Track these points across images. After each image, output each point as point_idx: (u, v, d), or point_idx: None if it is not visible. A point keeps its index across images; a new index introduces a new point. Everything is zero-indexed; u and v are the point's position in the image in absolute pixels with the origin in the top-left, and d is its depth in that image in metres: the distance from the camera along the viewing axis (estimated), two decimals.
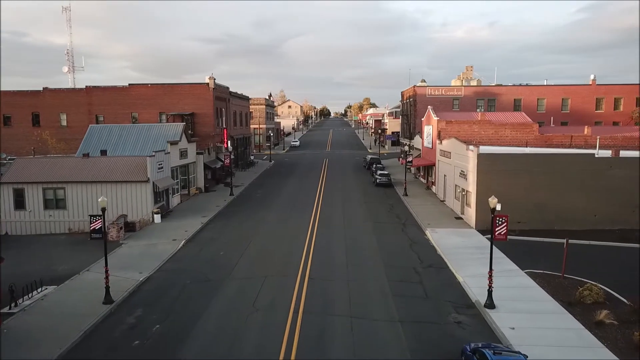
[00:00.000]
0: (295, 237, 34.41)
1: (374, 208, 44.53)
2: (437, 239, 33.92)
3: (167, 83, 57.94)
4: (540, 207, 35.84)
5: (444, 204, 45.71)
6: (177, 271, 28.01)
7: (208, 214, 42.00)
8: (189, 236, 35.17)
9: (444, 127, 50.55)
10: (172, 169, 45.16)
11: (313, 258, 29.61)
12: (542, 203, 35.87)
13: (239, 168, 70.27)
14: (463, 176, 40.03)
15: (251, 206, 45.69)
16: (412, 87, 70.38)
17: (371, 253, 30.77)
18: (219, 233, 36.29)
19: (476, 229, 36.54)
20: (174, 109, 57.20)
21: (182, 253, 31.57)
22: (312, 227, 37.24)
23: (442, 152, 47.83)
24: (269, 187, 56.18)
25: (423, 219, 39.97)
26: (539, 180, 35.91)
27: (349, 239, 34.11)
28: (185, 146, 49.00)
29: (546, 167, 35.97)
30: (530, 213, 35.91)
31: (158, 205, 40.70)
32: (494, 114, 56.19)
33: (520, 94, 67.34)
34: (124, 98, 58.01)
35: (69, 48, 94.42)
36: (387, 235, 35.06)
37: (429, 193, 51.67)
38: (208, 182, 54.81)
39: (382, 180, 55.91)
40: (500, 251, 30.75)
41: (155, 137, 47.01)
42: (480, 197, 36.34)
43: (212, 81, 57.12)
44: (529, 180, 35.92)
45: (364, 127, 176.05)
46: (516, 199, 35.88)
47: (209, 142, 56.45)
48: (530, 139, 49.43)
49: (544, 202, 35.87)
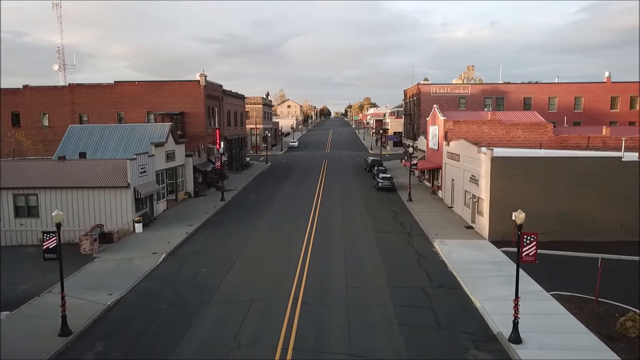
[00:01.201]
0: (289, 251, 30.88)
1: (376, 215, 40.98)
2: (447, 252, 30.38)
3: (155, 80, 54.48)
4: (560, 217, 32.28)
5: (452, 211, 42.16)
6: (153, 292, 24.47)
7: (195, 223, 38.47)
8: (170, 249, 31.64)
9: (451, 128, 47.03)
10: (157, 173, 41.65)
11: (308, 277, 26.06)
12: (563, 212, 32.32)
13: (233, 170, 66.76)
14: (474, 181, 36.49)
15: (243, 213, 42.16)
16: (416, 85, 66.87)
17: (374, 270, 27.22)
18: (204, 245, 32.76)
19: (489, 240, 33.01)
20: (162, 108, 53.70)
21: (161, 269, 28.03)
22: (307, 238, 33.71)
23: (450, 155, 44.29)
24: (263, 191, 52.66)
25: (430, 228, 36.43)
26: (560, 186, 32.36)
27: (349, 252, 30.56)
28: (173, 148, 45.47)
29: (567, 171, 32.42)
30: (550, 223, 32.33)
31: (140, 213, 37.17)
32: (504, 113, 52.67)
33: (530, 92, 63.69)
34: (109, 96, 54.49)
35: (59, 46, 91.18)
36: (391, 248, 31.53)
37: (434, 198, 48.12)
38: (198, 186, 51.29)
39: (384, 184, 52.39)
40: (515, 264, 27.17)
41: (139, 139, 43.48)
42: (494, 205, 32.83)
43: (203, 78, 53.60)
44: (548, 187, 32.37)
45: (365, 127, 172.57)
46: (534, 207, 32.25)
47: (199, 144, 52.93)
48: (545, 140, 45.96)
49: (565, 210, 32.32)
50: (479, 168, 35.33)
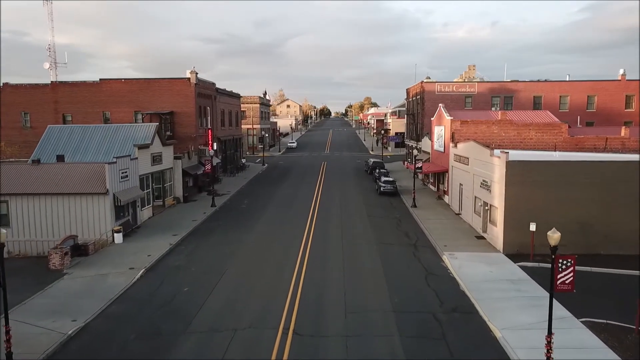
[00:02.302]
0: (281, 267, 27.68)
1: (379, 223, 37.78)
2: (458, 268, 27.19)
3: (142, 78, 51.29)
4: (583, 227, 29.08)
5: (460, 219, 38.97)
6: (123, 318, 21.30)
7: (181, 232, 35.30)
8: (150, 263, 28.47)
9: (458, 128, 43.81)
10: (141, 178, 38.48)
11: (301, 299, 22.87)
12: (587, 222, 29.11)
13: (228, 173, 63.60)
14: (485, 187, 33.30)
15: (233, 221, 38.97)
16: (420, 83, 63.64)
17: (377, 290, 24.01)
18: (188, 258, 29.58)
19: (504, 253, 29.81)
20: (150, 107, 50.54)
21: (137, 289, 24.85)
22: (303, 251, 30.52)
23: (457, 157, 41.10)
24: (257, 196, 49.48)
25: (437, 238, 33.25)
26: (583, 193, 29.15)
27: (349, 268, 27.36)
28: (159, 150, 42.29)
29: (591, 177, 29.21)
30: (571, 234, 29.08)
31: (120, 221, 34.02)
32: (515, 112, 49.46)
33: (540, 90, 60.39)
34: (94, 95, 51.34)
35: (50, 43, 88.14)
36: (396, 263, 28.33)
37: (440, 204, 44.91)
38: (188, 190, 48.12)
39: (386, 188, 49.20)
40: (539, 286, 24.09)
41: (122, 140, 40.32)
42: (509, 214, 29.65)
43: (194, 76, 50.44)
44: (570, 194, 29.17)
45: (365, 127, 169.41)
46: (553, 217, 29.11)
47: (190, 145, 49.76)
48: (559, 142, 42.75)
49: (588, 220, 29.12)
50: (491, 173, 32.15)
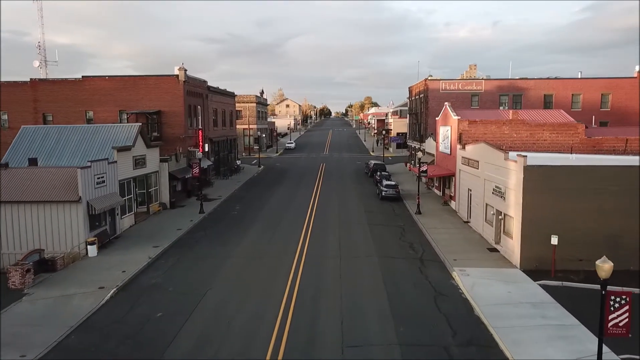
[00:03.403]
0: (271, 286, 24.42)
1: (380, 233, 34.55)
2: (471, 287, 23.97)
3: (128, 75, 48.11)
4: (613, 240, 25.79)
5: (469, 227, 35.74)
6: (81, 353, 18.08)
7: (163, 243, 32.08)
8: (124, 281, 25.25)
9: (466, 129, 40.58)
10: (122, 183, 35.31)
11: (291, 331, 19.59)
12: (617, 234, 25.87)
13: (221, 176, 60.35)
14: (499, 194, 30.06)
15: (222, 230, 35.74)
16: (423, 81, 60.37)
17: (380, 318, 20.75)
18: (167, 275, 26.34)
19: (521, 269, 26.57)
20: (136, 107, 47.33)
21: (103, 313, 21.62)
22: (296, 266, 27.28)
23: (466, 160, 37.87)
24: (250, 201, 46.26)
25: (446, 250, 30.03)
26: (613, 202, 25.90)
27: (347, 288, 24.10)
28: (143, 152, 39.07)
29: (623, 184, 25.95)
30: (598, 247, 25.76)
31: (96, 232, 30.83)
32: (526, 111, 46.21)
33: (551, 88, 57.08)
34: (76, 93, 48.13)
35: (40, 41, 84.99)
36: (401, 281, 25.09)
37: (447, 210, 41.66)
38: (176, 195, 44.88)
39: (388, 192, 45.96)
40: (566, 311, 20.87)
41: (102, 142, 37.10)
42: (527, 225, 26.42)
43: (183, 73, 47.22)
44: (597, 202, 25.94)
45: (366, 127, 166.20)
46: (578, 229, 26.05)
47: (178, 147, 46.53)
48: (575, 143, 39.51)
49: (619, 232, 25.88)
50: (506, 179, 28.91)
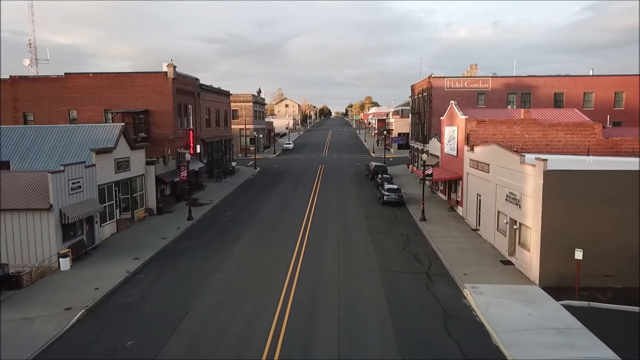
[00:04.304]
0: (260, 308, 21.59)
1: (383, 243, 31.76)
2: (485, 308, 21.18)
3: (113, 72, 45.28)
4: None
5: (479, 236, 32.95)
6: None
7: (144, 254, 29.29)
8: (95, 300, 22.45)
9: (474, 129, 37.80)
10: (102, 188, 32.57)
11: None
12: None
13: (214, 178, 57.56)
14: (513, 201, 27.26)
15: (210, 239, 32.95)
16: (427, 79, 57.52)
17: (383, 346, 17.95)
18: (144, 293, 23.54)
19: (540, 285, 23.76)
20: (122, 105, 44.53)
21: (66, 341, 18.82)
22: (289, 282, 24.48)
23: (474, 163, 35.10)
24: (243, 206, 43.47)
25: (455, 263, 27.25)
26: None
27: (346, 309, 21.27)
28: (127, 154, 36.30)
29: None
30: (629, 262, 23.21)
31: (70, 242, 28.06)
32: (538, 110, 43.43)
33: (562, 86, 54.21)
34: (59, 91, 45.33)
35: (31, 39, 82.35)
36: (406, 300, 22.28)
37: (453, 216, 38.87)
38: (164, 200, 42.11)
39: (390, 197, 43.18)
40: (598, 340, 18.07)
41: (80, 143, 34.31)
42: (548, 236, 23.62)
43: (172, 69, 44.40)
44: (626, 212, 23.15)
45: (366, 127, 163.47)
46: (604, 241, 23.29)
47: (166, 148, 43.74)
48: (592, 145, 36.74)
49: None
50: (521, 184, 26.10)
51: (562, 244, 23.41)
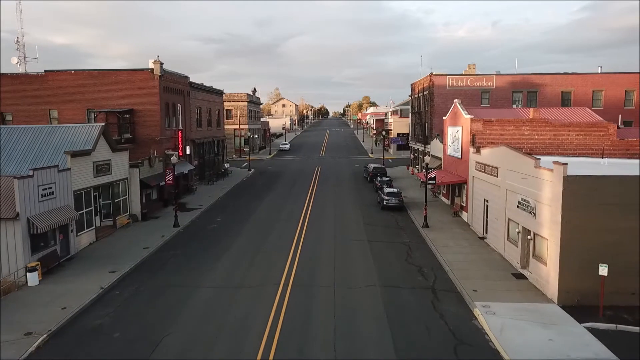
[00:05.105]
0: (245, 331, 19.09)
1: (383, 253, 29.29)
2: (500, 332, 18.72)
3: (97, 69, 42.72)
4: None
5: (486, 245, 30.52)
6: None
7: (123, 266, 26.77)
8: (60, 322, 19.92)
9: (480, 129, 35.39)
10: (78, 193, 30.05)
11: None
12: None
13: (205, 181, 55.02)
14: (526, 208, 24.83)
15: (196, 249, 30.42)
16: (428, 77, 55.07)
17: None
18: (117, 314, 21.00)
19: (559, 303, 21.34)
20: (106, 104, 41.96)
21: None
22: (279, 300, 21.97)
23: (481, 166, 32.67)
24: (235, 211, 40.96)
25: (462, 276, 24.81)
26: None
27: (342, 336, 18.78)
28: (107, 157, 33.77)
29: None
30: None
31: (39, 255, 25.54)
32: (548, 109, 41.03)
33: (570, 84, 51.80)
34: (39, 90, 42.73)
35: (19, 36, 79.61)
36: (411, 322, 19.80)
37: (458, 223, 36.43)
38: (150, 205, 39.56)
39: (390, 201, 40.73)
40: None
41: (57, 145, 31.74)
42: (568, 249, 21.21)
43: (158, 66, 41.85)
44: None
45: (364, 127, 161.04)
46: (631, 255, 20.88)
47: (152, 149, 41.20)
48: (607, 146, 34.37)
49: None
50: (536, 190, 23.66)
51: (583, 257, 21.03)
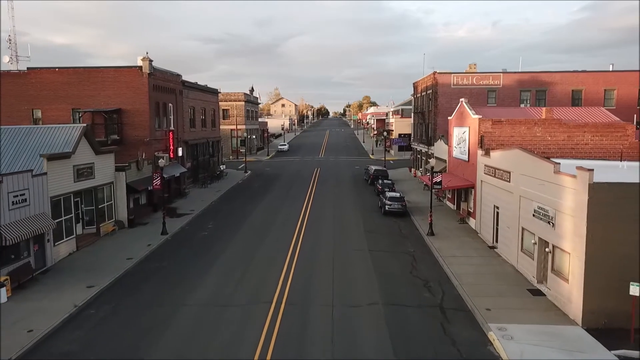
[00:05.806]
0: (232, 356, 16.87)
1: (385, 264, 27.02)
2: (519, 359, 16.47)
3: (82, 67, 40.50)
4: None
5: (497, 255, 28.26)
6: None
7: (102, 279, 24.52)
8: (24, 348, 17.68)
9: (489, 130, 33.14)
10: (57, 200, 27.82)
11: None
12: None
13: (199, 183, 52.76)
14: (544, 218, 22.56)
15: (184, 259, 28.16)
16: (432, 75, 52.81)
17: None
18: (89, 337, 18.72)
19: (583, 326, 19.07)
20: (92, 104, 39.74)
21: None
22: (270, 322, 19.69)
23: (491, 170, 30.41)
24: (228, 217, 38.70)
25: (473, 292, 22.55)
26: None
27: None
28: (90, 160, 31.53)
29: None
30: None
31: (11, 267, 23.33)
32: (561, 109, 38.78)
33: (581, 82, 49.50)
34: (21, 88, 40.52)
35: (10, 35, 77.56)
36: (417, 349, 17.51)
37: (465, 230, 34.17)
38: (138, 210, 37.31)
39: (393, 206, 38.46)
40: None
41: (34, 147, 29.51)
42: (594, 266, 18.94)
43: (147, 63, 39.59)
44: None
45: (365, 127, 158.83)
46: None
47: (141, 151, 38.95)
48: (625, 148, 32.12)
49: None
50: (556, 199, 21.39)
51: (611, 274, 18.77)
